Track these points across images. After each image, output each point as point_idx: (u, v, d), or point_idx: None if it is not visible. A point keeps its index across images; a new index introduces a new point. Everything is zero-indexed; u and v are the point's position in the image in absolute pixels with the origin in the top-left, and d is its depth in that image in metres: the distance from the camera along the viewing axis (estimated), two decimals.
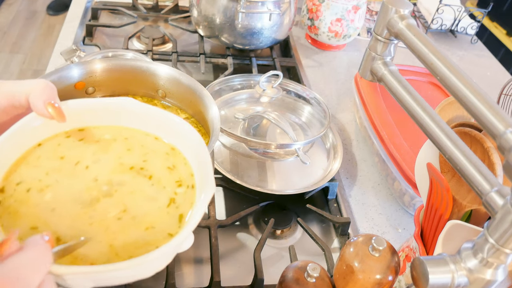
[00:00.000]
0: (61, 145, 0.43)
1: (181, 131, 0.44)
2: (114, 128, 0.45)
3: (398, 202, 0.81)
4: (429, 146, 0.56)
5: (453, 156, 0.39)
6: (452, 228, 0.48)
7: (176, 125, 0.44)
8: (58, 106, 0.40)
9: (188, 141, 0.43)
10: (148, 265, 0.33)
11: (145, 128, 0.46)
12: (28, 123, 0.40)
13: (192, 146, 0.43)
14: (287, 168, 0.79)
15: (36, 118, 0.41)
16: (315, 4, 1.09)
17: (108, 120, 0.45)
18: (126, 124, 0.46)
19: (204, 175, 0.40)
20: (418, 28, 0.44)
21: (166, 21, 1.17)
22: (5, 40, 2.63)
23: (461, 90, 0.38)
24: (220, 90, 0.88)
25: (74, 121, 0.44)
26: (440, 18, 1.26)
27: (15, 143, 0.40)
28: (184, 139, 0.44)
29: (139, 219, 0.38)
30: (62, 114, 0.40)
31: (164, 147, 0.45)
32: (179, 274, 0.64)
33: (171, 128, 0.44)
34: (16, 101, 0.40)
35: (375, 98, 0.89)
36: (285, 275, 0.50)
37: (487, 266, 0.37)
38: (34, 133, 0.42)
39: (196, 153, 0.42)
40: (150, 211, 0.39)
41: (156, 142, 0.45)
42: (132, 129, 0.46)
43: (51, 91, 0.40)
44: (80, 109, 0.44)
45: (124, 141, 0.45)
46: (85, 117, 0.44)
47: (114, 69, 0.59)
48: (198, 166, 0.42)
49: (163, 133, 0.45)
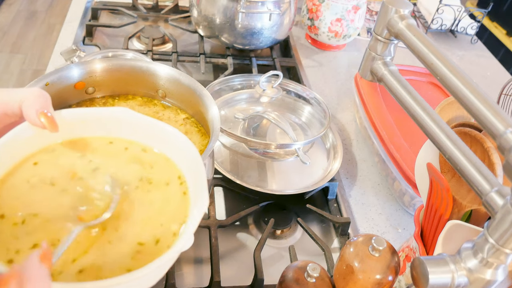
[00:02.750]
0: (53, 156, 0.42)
1: (175, 141, 0.43)
2: (107, 138, 0.45)
3: (398, 202, 0.81)
4: (429, 146, 0.56)
5: (453, 156, 0.39)
6: (452, 228, 0.48)
7: (170, 135, 0.43)
8: (51, 115, 0.39)
9: (182, 151, 0.43)
10: (139, 281, 0.33)
11: (138, 138, 0.45)
12: (20, 133, 0.40)
13: (186, 157, 0.42)
14: (287, 168, 0.79)
15: (29, 128, 0.40)
16: (315, 4, 1.09)
17: (101, 130, 0.44)
18: (120, 134, 0.45)
19: (198, 186, 0.39)
20: (418, 28, 0.44)
21: (166, 21, 1.17)
22: (5, 40, 2.64)
23: (461, 90, 0.38)
24: (220, 90, 0.88)
25: (67, 131, 0.43)
26: (440, 18, 1.26)
27: (7, 153, 0.40)
28: (178, 149, 0.43)
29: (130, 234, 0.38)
30: (54, 124, 0.40)
31: (157, 158, 0.44)
32: (179, 274, 0.64)
33: (164, 138, 0.44)
34: (9, 110, 0.39)
35: (375, 98, 0.89)
36: (285, 275, 0.50)
37: (487, 266, 0.37)
38: (26, 143, 0.41)
39: (190, 164, 0.42)
40: (141, 224, 0.39)
41: (149, 152, 0.44)
42: (125, 139, 0.45)
43: (44, 100, 0.39)
44: (74, 119, 0.43)
45: (117, 150, 0.44)
46: (78, 127, 0.44)
47: (114, 69, 0.59)
48: (192, 177, 0.41)
49: (157, 143, 0.44)
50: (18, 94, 0.39)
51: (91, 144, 0.44)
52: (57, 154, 0.42)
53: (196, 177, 0.40)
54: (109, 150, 0.44)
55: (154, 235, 0.38)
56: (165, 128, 0.43)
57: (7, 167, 0.40)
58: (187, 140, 0.42)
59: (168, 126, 0.43)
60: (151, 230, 0.38)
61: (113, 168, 0.43)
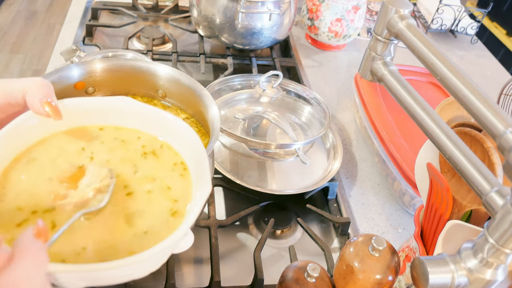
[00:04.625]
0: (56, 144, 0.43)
1: (177, 129, 0.44)
2: (110, 127, 0.45)
3: (398, 202, 0.81)
4: (429, 146, 0.56)
5: (453, 156, 0.39)
6: (452, 228, 0.48)
7: (173, 124, 0.44)
8: (55, 104, 0.40)
9: (185, 140, 0.43)
10: (141, 264, 0.33)
11: (141, 127, 0.46)
12: (24, 122, 0.40)
13: (189, 145, 0.43)
14: (287, 168, 0.79)
15: (33, 117, 0.40)
16: (315, 4, 1.09)
17: (104, 119, 0.45)
18: (123, 123, 0.46)
19: (200, 173, 0.40)
20: (418, 28, 0.44)
21: (166, 21, 1.17)
22: (5, 40, 2.63)
23: (461, 90, 0.38)
24: (220, 90, 0.88)
25: (71, 119, 0.44)
26: (440, 18, 1.26)
27: (11, 142, 0.40)
28: (181, 138, 0.44)
29: (135, 219, 0.38)
30: (58, 112, 0.40)
31: (159, 145, 0.45)
32: (179, 274, 0.64)
33: (167, 127, 0.44)
34: (12, 99, 0.39)
35: (375, 98, 0.89)
36: (285, 275, 0.50)
37: (487, 266, 0.37)
38: (30, 131, 0.41)
39: (193, 152, 0.42)
40: (146, 211, 0.39)
41: (152, 141, 0.45)
42: (128, 128, 0.46)
43: (47, 89, 0.40)
44: (77, 108, 0.44)
45: (120, 139, 0.45)
46: (82, 116, 0.44)
47: (114, 69, 0.59)
48: (194, 165, 0.42)
49: (160, 132, 0.45)
50: (21, 84, 0.39)
51: (93, 132, 0.45)
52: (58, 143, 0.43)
53: (198, 163, 0.41)
54: (113, 138, 0.45)
55: (160, 218, 0.39)
56: (166, 116, 0.44)
57: (12, 156, 0.40)
58: (189, 128, 0.43)
59: (170, 114, 0.44)
60: (156, 214, 0.39)
61: (115, 156, 0.43)
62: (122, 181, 0.41)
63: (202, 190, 0.38)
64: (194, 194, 0.40)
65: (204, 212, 0.71)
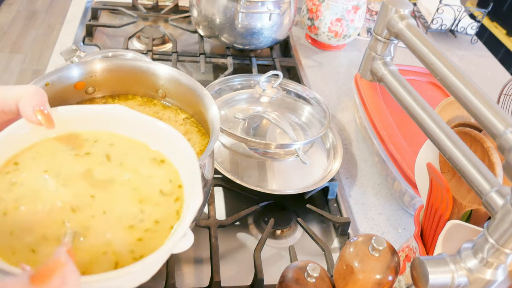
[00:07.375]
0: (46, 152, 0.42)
1: (171, 139, 0.43)
2: (103, 134, 0.45)
3: (398, 202, 0.81)
4: (429, 146, 0.56)
5: (453, 156, 0.39)
6: (452, 228, 0.48)
7: (166, 134, 0.43)
8: (47, 112, 0.40)
9: (178, 150, 0.43)
10: (130, 277, 0.33)
11: (134, 135, 0.45)
12: (17, 130, 0.40)
13: (181, 155, 0.42)
14: (287, 168, 0.79)
15: (25, 125, 0.40)
16: (315, 4, 1.09)
17: (98, 128, 0.45)
18: (116, 131, 0.45)
19: (191, 185, 0.39)
20: (418, 28, 0.44)
21: (166, 21, 1.17)
22: (5, 40, 2.63)
23: (461, 90, 0.38)
24: (220, 90, 0.88)
25: (64, 128, 0.43)
26: (440, 18, 1.26)
27: (3, 150, 0.40)
28: (174, 147, 0.43)
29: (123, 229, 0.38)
30: (51, 121, 0.40)
31: (152, 156, 0.44)
32: (179, 274, 0.64)
33: (160, 136, 0.44)
34: (5, 107, 0.39)
35: (375, 98, 0.89)
36: (285, 275, 0.50)
37: (487, 266, 0.37)
38: (22, 140, 0.41)
39: (185, 163, 0.42)
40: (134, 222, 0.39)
41: (145, 150, 0.44)
42: (122, 136, 0.45)
43: (41, 97, 0.39)
44: (70, 116, 0.43)
45: (113, 148, 0.44)
46: (74, 124, 0.44)
47: (114, 69, 0.59)
48: (187, 176, 0.41)
49: (153, 141, 0.45)
50: (15, 92, 0.39)
51: (86, 141, 0.44)
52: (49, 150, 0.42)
53: (190, 174, 0.40)
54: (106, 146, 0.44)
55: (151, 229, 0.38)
56: (160, 126, 0.44)
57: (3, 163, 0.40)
58: (182, 138, 0.42)
59: (163, 123, 0.44)
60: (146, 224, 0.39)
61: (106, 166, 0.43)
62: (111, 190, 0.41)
63: (194, 202, 0.38)
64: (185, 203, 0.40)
65: (204, 212, 0.71)
